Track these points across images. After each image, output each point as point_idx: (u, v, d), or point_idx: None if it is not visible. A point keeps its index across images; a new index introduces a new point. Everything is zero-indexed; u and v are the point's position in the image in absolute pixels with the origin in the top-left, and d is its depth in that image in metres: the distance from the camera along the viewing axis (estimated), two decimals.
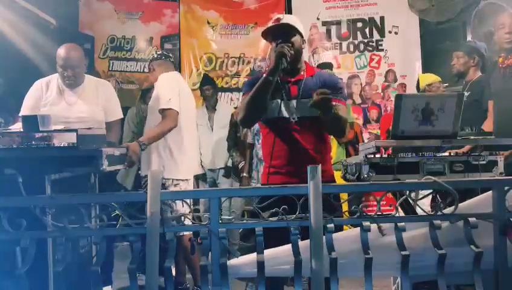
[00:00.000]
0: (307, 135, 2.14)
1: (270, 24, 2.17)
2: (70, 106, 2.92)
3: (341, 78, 3.66)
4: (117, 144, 2.91)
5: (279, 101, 2.12)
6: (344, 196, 3.36)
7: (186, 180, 3.21)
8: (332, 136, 3.76)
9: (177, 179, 3.14)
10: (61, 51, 2.88)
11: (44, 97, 2.95)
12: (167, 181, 3.10)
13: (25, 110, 2.91)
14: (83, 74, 3.03)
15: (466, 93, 3.19)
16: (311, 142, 2.14)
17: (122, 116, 3.18)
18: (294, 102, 2.12)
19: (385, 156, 2.03)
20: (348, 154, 4.10)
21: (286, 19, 2.16)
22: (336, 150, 3.90)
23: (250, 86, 2.16)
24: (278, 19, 2.15)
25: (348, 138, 4.39)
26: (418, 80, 4.11)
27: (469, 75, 3.49)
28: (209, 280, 1.63)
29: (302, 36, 2.17)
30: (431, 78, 4.06)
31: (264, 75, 2.06)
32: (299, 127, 2.12)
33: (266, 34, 2.19)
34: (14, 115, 3.11)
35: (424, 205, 1.81)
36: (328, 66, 4.24)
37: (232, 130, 4.27)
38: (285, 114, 2.13)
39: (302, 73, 2.18)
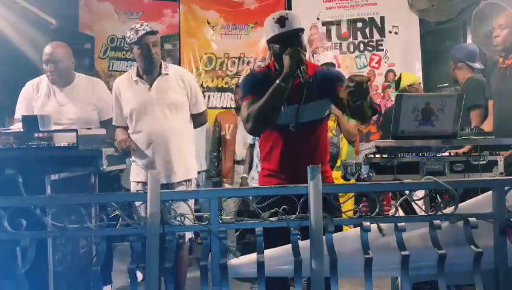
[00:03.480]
0: (305, 139, 2.05)
1: (277, 31, 2.01)
2: (61, 106, 2.89)
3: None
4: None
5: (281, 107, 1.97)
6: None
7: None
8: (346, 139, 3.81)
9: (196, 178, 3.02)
10: (46, 48, 2.88)
11: (35, 98, 2.93)
12: (193, 179, 2.94)
13: (18, 113, 2.88)
14: (71, 72, 2.97)
15: None
16: (309, 147, 2.06)
17: None
18: (295, 107, 2.00)
19: (385, 156, 2.04)
20: None
21: (291, 18, 2.00)
22: (346, 150, 3.88)
23: (249, 88, 2.04)
24: (282, 19, 2.00)
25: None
26: (400, 77, 4.10)
27: (459, 79, 3.64)
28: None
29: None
30: (412, 78, 4.10)
31: (277, 81, 1.91)
32: (298, 132, 2.04)
33: (275, 40, 2.01)
34: (12, 116, 3.10)
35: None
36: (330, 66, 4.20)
37: (216, 130, 4.24)
38: (285, 121, 2.02)
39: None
